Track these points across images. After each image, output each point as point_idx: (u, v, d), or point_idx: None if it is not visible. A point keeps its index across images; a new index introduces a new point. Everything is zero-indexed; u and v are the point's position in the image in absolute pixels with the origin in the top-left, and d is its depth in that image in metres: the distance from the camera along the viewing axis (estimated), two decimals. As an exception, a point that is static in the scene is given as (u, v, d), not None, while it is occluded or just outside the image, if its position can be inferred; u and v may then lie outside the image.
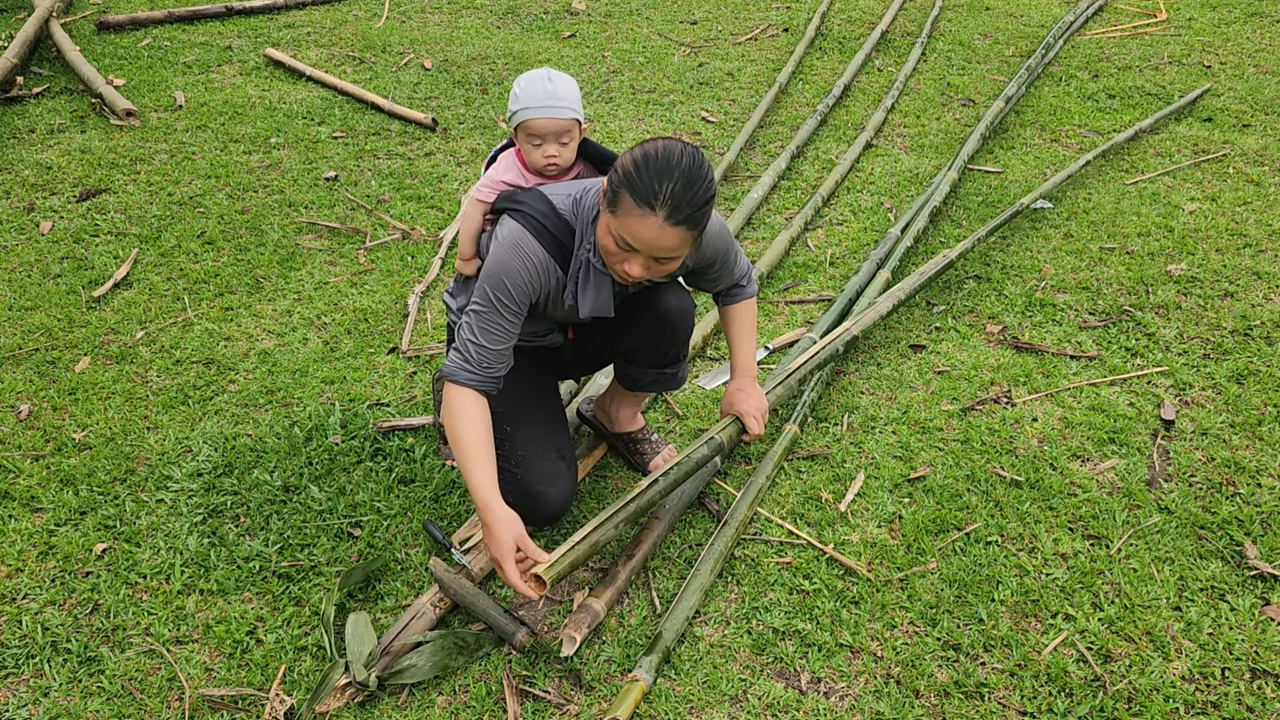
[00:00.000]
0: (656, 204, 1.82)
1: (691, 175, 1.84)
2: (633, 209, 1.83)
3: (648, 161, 1.84)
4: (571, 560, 1.97)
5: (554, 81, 2.12)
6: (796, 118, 4.71)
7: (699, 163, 1.87)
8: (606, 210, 1.89)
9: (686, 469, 2.22)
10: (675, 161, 1.84)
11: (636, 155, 1.86)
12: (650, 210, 1.82)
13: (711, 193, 1.88)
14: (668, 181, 1.82)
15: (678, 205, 1.83)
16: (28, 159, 4.29)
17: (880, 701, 1.97)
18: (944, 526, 2.38)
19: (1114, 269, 3.39)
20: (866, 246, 3.60)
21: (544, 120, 2.10)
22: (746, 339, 2.34)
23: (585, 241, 2.04)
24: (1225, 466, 2.54)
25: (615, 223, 1.87)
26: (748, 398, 2.28)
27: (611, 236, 1.90)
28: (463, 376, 2.03)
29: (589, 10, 6.30)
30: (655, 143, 1.88)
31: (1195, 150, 4.23)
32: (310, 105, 4.83)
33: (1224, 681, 1.99)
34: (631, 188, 1.83)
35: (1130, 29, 5.80)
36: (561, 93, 2.11)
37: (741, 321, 2.33)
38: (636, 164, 1.84)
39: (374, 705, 1.98)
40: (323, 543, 2.36)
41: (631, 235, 1.86)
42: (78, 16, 6.07)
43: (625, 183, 1.84)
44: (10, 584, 2.27)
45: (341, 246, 3.64)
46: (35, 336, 3.14)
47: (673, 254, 1.89)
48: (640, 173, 1.83)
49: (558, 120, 2.10)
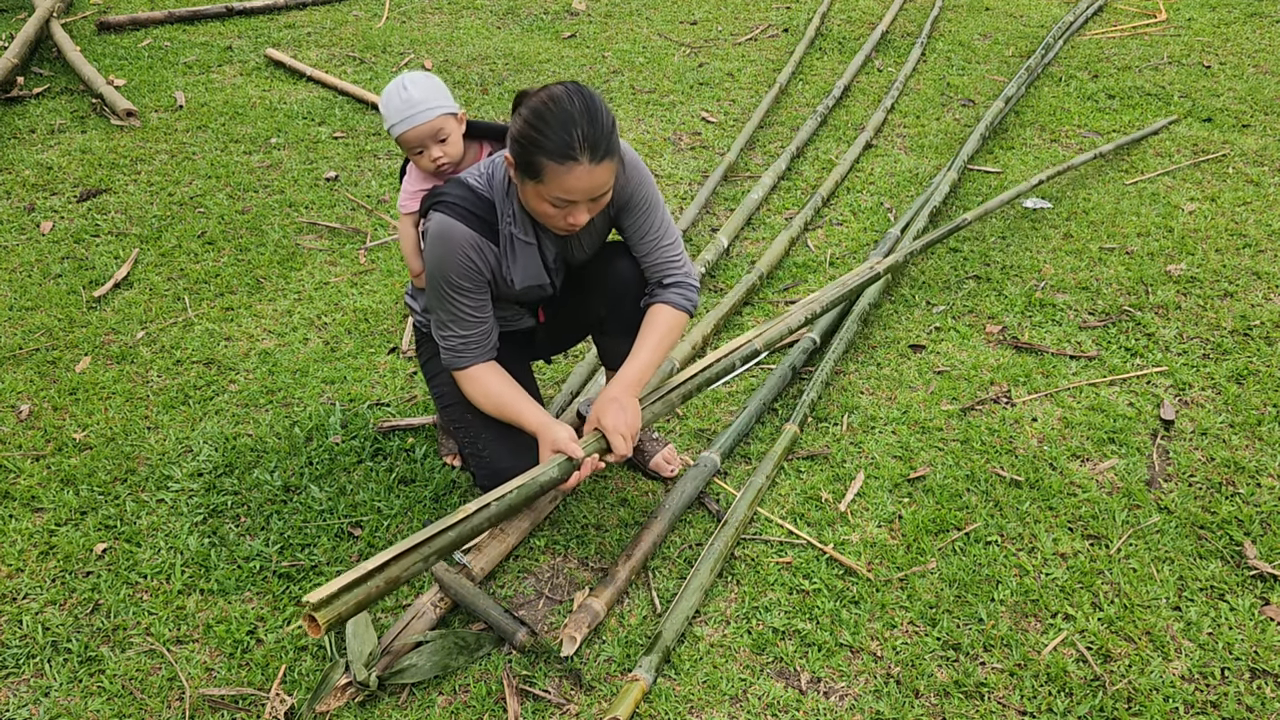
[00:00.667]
0: (576, 153, 1.83)
1: (590, 110, 1.85)
2: (556, 168, 1.84)
3: (545, 118, 1.83)
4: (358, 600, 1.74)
5: (409, 89, 2.11)
6: (796, 118, 4.71)
7: (588, 95, 1.87)
8: (528, 181, 1.89)
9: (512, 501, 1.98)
10: (569, 105, 1.84)
11: (529, 118, 1.85)
12: (574, 161, 1.83)
13: (611, 116, 1.90)
14: (574, 127, 1.83)
15: (594, 144, 1.84)
16: (28, 159, 4.29)
17: (880, 701, 1.97)
18: (944, 526, 2.38)
19: (1114, 269, 3.39)
20: (866, 247, 3.60)
21: (413, 129, 2.12)
22: (649, 347, 2.14)
23: (504, 214, 2.04)
24: (1225, 466, 2.54)
25: (543, 188, 1.88)
26: (620, 411, 2.07)
27: (545, 201, 1.90)
28: (462, 361, 2.09)
29: (589, 10, 6.31)
30: (539, 97, 1.87)
31: (1195, 150, 4.23)
32: (310, 105, 4.83)
33: (1224, 681, 2.00)
34: (543, 149, 1.83)
35: (1130, 29, 5.80)
36: (418, 98, 2.11)
37: (653, 327, 2.16)
38: (535, 126, 1.83)
39: (374, 705, 1.98)
40: (323, 543, 2.36)
41: (566, 191, 1.87)
42: (78, 16, 6.07)
43: (535, 147, 1.84)
44: (11, 584, 2.27)
45: (342, 246, 3.65)
46: (36, 336, 3.14)
47: (607, 186, 1.93)
48: (545, 132, 1.83)
49: (424, 125, 2.11)
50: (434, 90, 2.13)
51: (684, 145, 4.44)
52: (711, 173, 4.10)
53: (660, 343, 2.16)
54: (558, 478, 2.03)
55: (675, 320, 2.18)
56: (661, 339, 2.16)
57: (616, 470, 2.58)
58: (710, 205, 3.91)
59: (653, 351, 2.15)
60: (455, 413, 2.29)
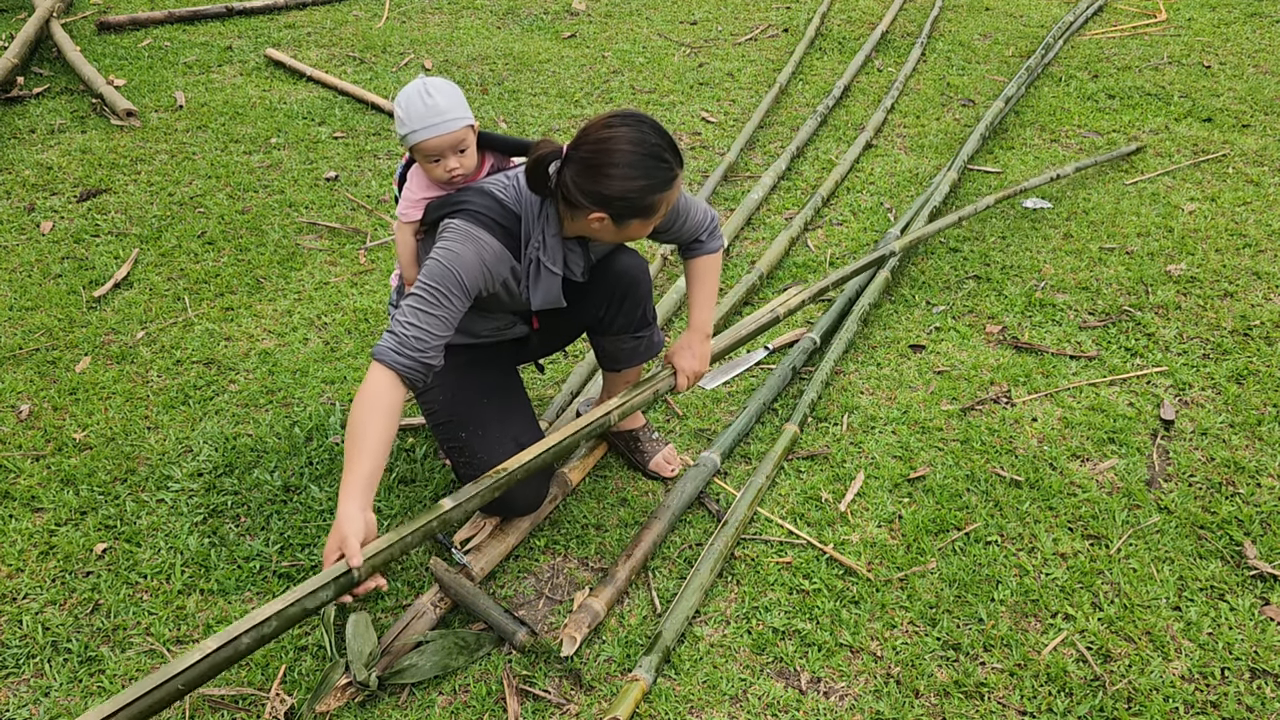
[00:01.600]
0: (675, 170, 1.93)
1: (654, 125, 1.92)
2: (667, 194, 1.93)
3: (639, 167, 1.88)
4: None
5: (433, 95, 2.04)
6: (796, 118, 4.71)
7: (636, 115, 1.92)
8: (641, 220, 1.96)
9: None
10: (645, 138, 1.89)
11: (630, 174, 1.88)
12: (675, 178, 1.93)
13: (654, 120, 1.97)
14: (663, 152, 1.90)
15: (677, 152, 1.95)
16: (28, 159, 4.29)
17: (880, 701, 1.97)
18: (944, 526, 2.38)
19: (1114, 269, 3.39)
20: (866, 246, 3.60)
21: (435, 139, 2.04)
22: (704, 295, 2.31)
23: (533, 240, 2.03)
24: (1225, 466, 2.54)
25: (654, 218, 1.98)
26: (690, 354, 2.28)
27: (649, 226, 2.00)
28: (392, 358, 1.90)
29: (589, 10, 6.31)
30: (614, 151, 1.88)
31: (1195, 150, 4.23)
32: (311, 105, 4.83)
33: (1224, 681, 2.00)
34: (655, 190, 1.90)
35: (1130, 29, 5.80)
36: (443, 105, 2.03)
37: (701, 277, 2.31)
38: (638, 177, 1.88)
39: (374, 705, 1.98)
40: (323, 543, 2.36)
41: (670, 203, 1.98)
42: (78, 16, 6.07)
43: (649, 192, 1.90)
44: (11, 584, 2.27)
45: (342, 246, 3.65)
46: (36, 336, 3.14)
47: None
48: (649, 176, 1.89)
49: (448, 135, 2.04)
50: (458, 100, 2.08)
51: (684, 145, 4.44)
52: (711, 173, 4.10)
53: (713, 286, 2.33)
54: (325, 600, 1.76)
55: (716, 263, 2.32)
56: (714, 282, 2.33)
57: (616, 470, 2.58)
58: (710, 205, 3.91)
59: (710, 296, 2.31)
60: (447, 430, 2.25)
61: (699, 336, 2.30)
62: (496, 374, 2.34)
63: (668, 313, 3.16)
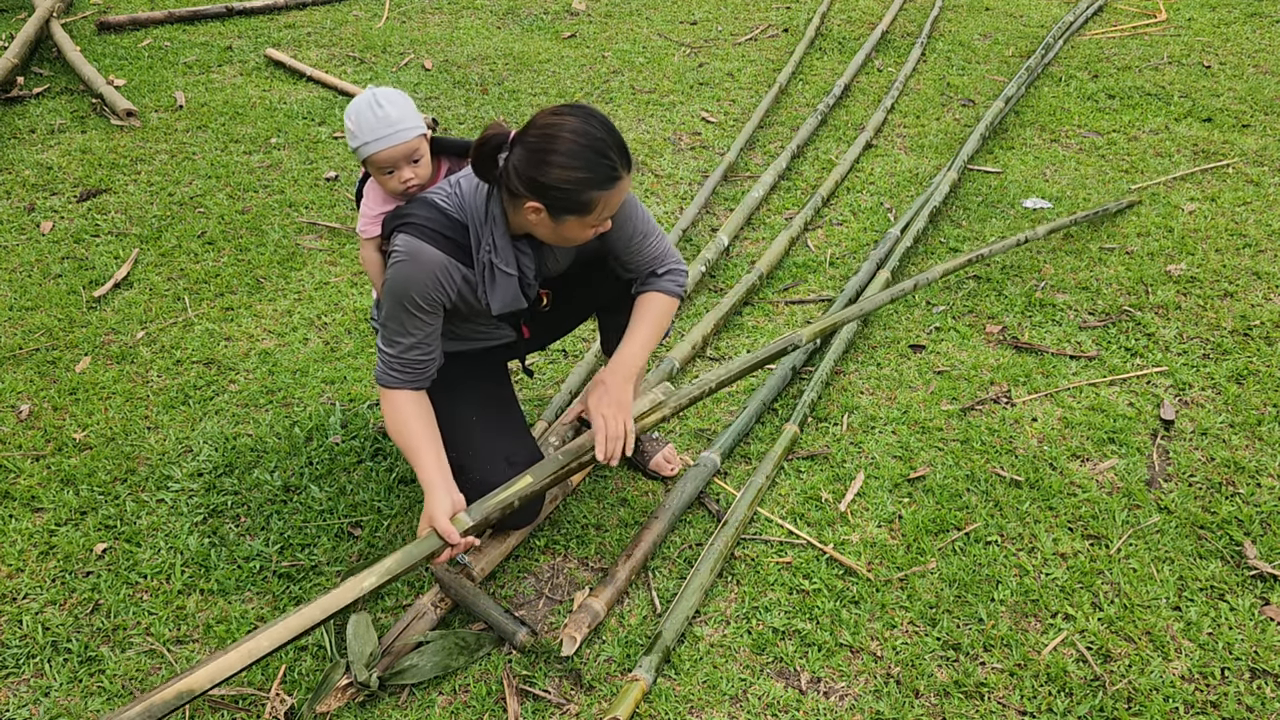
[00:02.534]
0: (619, 170, 1.86)
1: (606, 124, 1.85)
2: (607, 194, 1.86)
3: (582, 158, 1.81)
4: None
5: (383, 105, 2.01)
6: (796, 118, 4.71)
7: (592, 111, 1.86)
8: (577, 218, 1.87)
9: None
10: (595, 130, 1.82)
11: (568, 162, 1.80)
12: (619, 178, 1.87)
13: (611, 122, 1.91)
14: (609, 150, 1.83)
15: (625, 153, 1.88)
16: (28, 159, 4.29)
17: (880, 701, 1.97)
18: (944, 526, 2.38)
19: (1114, 269, 3.39)
20: (866, 246, 3.60)
21: (387, 150, 2.01)
22: (640, 333, 2.13)
23: (484, 244, 1.98)
24: (1225, 466, 2.54)
25: (590, 218, 1.88)
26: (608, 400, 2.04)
27: (589, 228, 1.92)
28: (393, 379, 2.02)
29: (589, 10, 6.31)
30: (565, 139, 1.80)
31: (1195, 150, 4.23)
32: (311, 105, 4.83)
33: (1224, 681, 2.00)
34: (594, 184, 1.83)
35: (1130, 29, 5.80)
36: (394, 116, 2.01)
37: (644, 313, 2.15)
38: (578, 166, 1.80)
39: (374, 705, 1.98)
40: (323, 543, 2.36)
41: (611, 209, 1.91)
42: (78, 16, 6.07)
43: (586, 186, 1.82)
44: (11, 584, 2.27)
45: (342, 247, 3.65)
46: (36, 336, 3.14)
47: None
48: (591, 168, 1.82)
49: (401, 145, 2.01)
50: (409, 109, 2.04)
51: (684, 145, 4.44)
52: (711, 173, 4.10)
53: (654, 328, 2.15)
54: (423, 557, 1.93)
55: (668, 306, 2.18)
56: (656, 325, 2.16)
57: (617, 470, 2.58)
58: (710, 205, 3.91)
59: (648, 337, 2.14)
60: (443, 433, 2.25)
61: (618, 377, 2.07)
62: (488, 384, 2.30)
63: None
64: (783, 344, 2.40)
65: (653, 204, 3.92)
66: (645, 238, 2.13)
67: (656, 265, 2.17)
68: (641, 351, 2.12)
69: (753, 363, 2.38)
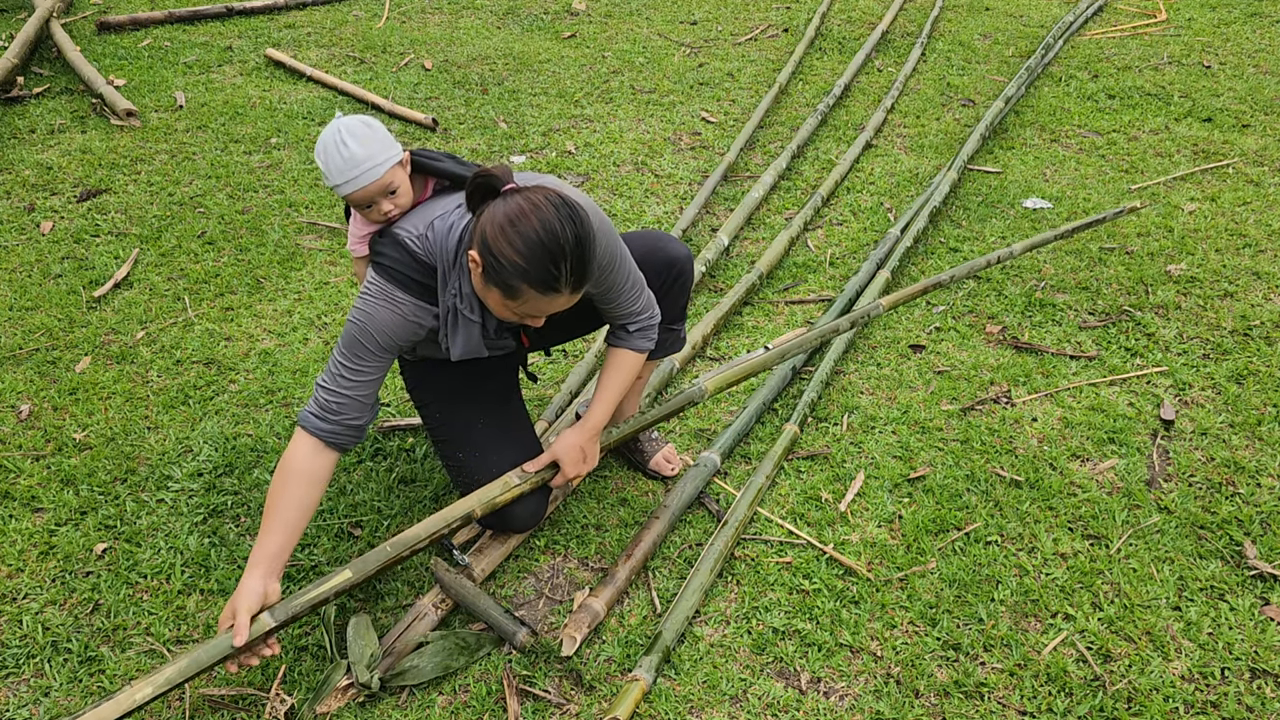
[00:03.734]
0: (560, 284, 1.76)
1: (581, 239, 1.75)
2: (537, 297, 1.78)
3: (531, 246, 1.72)
4: None
5: (348, 144, 1.93)
6: (796, 118, 4.71)
7: (579, 218, 1.76)
8: (500, 295, 1.80)
9: None
10: (561, 236, 1.73)
11: (512, 238, 1.72)
12: (556, 293, 1.78)
13: (595, 235, 1.82)
14: (563, 261, 1.74)
15: (580, 275, 1.79)
16: (28, 159, 4.29)
17: (880, 701, 1.97)
18: (944, 526, 2.38)
19: (1114, 269, 3.39)
20: (866, 246, 3.60)
21: (359, 191, 1.96)
22: (608, 391, 2.16)
23: (449, 287, 1.95)
24: (1225, 466, 2.54)
25: (515, 305, 1.81)
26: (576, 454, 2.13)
27: (510, 311, 1.85)
28: (314, 424, 1.93)
29: (589, 10, 6.31)
30: (521, 211, 1.74)
31: (1195, 150, 4.23)
32: (311, 105, 4.83)
33: (1224, 681, 2.00)
34: (525, 277, 1.74)
35: (1130, 29, 5.80)
36: (361, 155, 1.93)
37: (613, 370, 2.17)
38: (519, 250, 1.72)
39: (374, 705, 1.98)
40: (323, 543, 2.36)
41: (539, 311, 1.85)
42: (78, 17, 6.07)
43: (515, 273, 1.74)
44: (11, 584, 2.27)
45: (342, 247, 3.65)
46: (36, 336, 3.14)
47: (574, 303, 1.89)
48: (530, 261, 1.73)
49: (372, 184, 1.95)
50: (376, 141, 1.95)
51: (684, 145, 4.44)
52: (711, 173, 4.10)
53: (623, 386, 2.18)
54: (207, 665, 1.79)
55: (637, 363, 2.20)
56: (625, 382, 2.18)
57: (617, 470, 2.58)
58: (710, 205, 3.91)
59: (615, 394, 2.17)
60: (445, 448, 2.25)
61: (588, 436, 2.15)
62: (494, 387, 2.29)
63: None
64: (684, 400, 2.39)
65: (653, 204, 3.92)
66: (622, 296, 2.10)
67: (630, 320, 2.16)
68: (607, 411, 2.17)
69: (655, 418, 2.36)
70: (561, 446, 2.14)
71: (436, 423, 2.26)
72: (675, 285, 2.27)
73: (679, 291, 2.29)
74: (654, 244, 2.25)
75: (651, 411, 2.36)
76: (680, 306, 2.33)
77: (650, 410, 2.37)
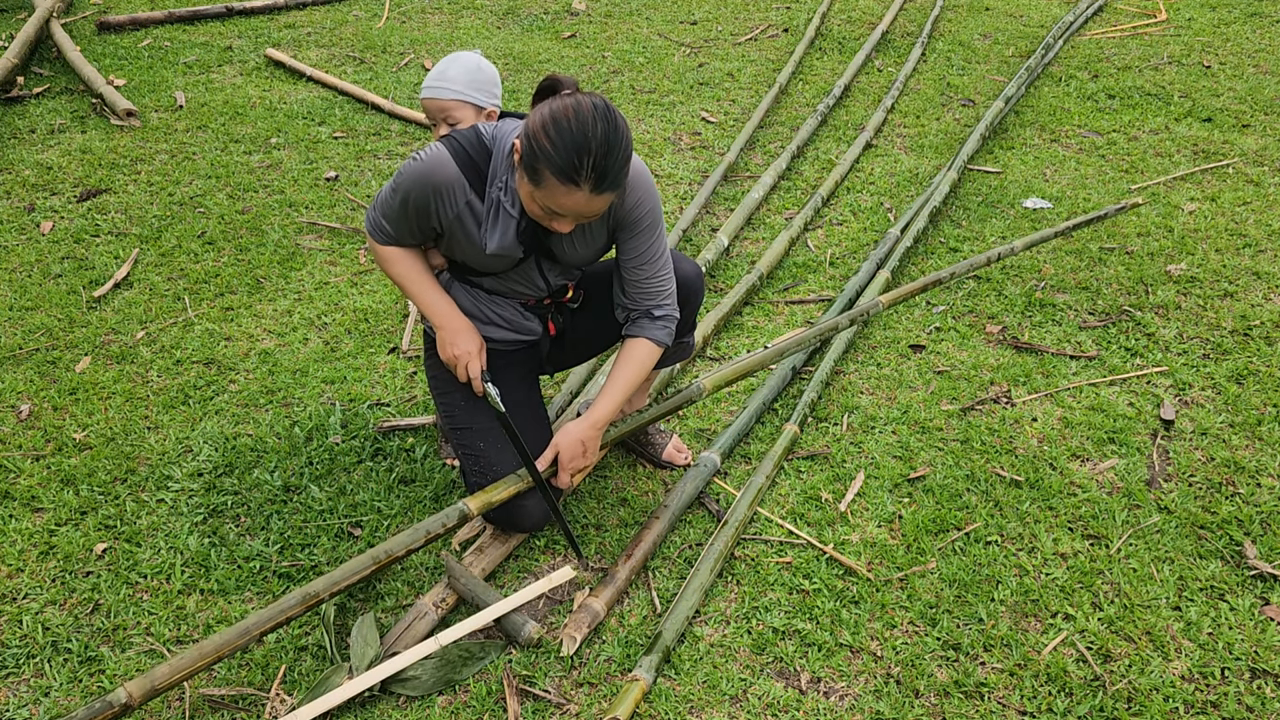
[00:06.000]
0: (580, 179, 1.78)
1: (610, 141, 1.78)
2: (556, 185, 1.80)
3: (561, 133, 1.77)
4: None
5: (452, 65, 2.16)
6: (796, 118, 4.71)
7: (614, 123, 1.80)
8: (527, 181, 1.85)
9: None
10: (590, 130, 1.76)
11: (548, 124, 1.78)
12: (575, 186, 1.79)
13: (630, 149, 1.84)
14: (587, 155, 1.77)
15: (602, 175, 1.80)
16: (28, 159, 4.29)
17: (880, 701, 1.97)
18: (944, 526, 2.38)
19: (1114, 269, 3.39)
20: (866, 246, 3.60)
21: (427, 99, 2.17)
22: (617, 385, 2.14)
23: (498, 179, 2.00)
24: (1225, 466, 2.54)
25: (539, 194, 1.84)
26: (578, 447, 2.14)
27: (536, 204, 1.88)
28: (381, 238, 2.13)
29: (589, 10, 6.30)
30: (564, 105, 1.79)
31: (1195, 150, 4.23)
32: (311, 105, 4.83)
33: (1224, 681, 2.00)
34: (550, 163, 1.78)
35: (1130, 29, 5.80)
36: (451, 74, 2.15)
37: (627, 361, 2.15)
38: (550, 136, 1.77)
39: (374, 705, 1.98)
40: (323, 543, 2.36)
41: (559, 206, 1.85)
42: (78, 17, 6.07)
43: (543, 157, 1.78)
44: (11, 584, 2.27)
45: (342, 246, 3.65)
46: (36, 336, 3.14)
47: (600, 213, 1.90)
48: (557, 147, 1.77)
49: (438, 100, 2.16)
50: (470, 76, 2.15)
51: (684, 145, 4.44)
52: (711, 173, 4.10)
53: (633, 383, 2.15)
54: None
55: (651, 357, 2.17)
56: (636, 378, 2.15)
57: (617, 470, 2.58)
58: (710, 205, 3.91)
59: (623, 388, 2.14)
60: (465, 437, 2.25)
61: (591, 429, 2.14)
62: (518, 386, 2.31)
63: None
64: (682, 399, 2.39)
65: (653, 204, 3.92)
66: (654, 267, 2.11)
67: (654, 303, 2.15)
68: (614, 406, 2.14)
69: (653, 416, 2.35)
70: (563, 439, 2.14)
71: (459, 410, 2.25)
72: (684, 308, 2.30)
73: (689, 309, 2.33)
74: None
75: (650, 409, 2.37)
76: (689, 320, 2.36)
77: (649, 408, 2.37)
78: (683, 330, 2.36)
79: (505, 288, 2.21)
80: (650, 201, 2.06)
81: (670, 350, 2.38)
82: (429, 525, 2.05)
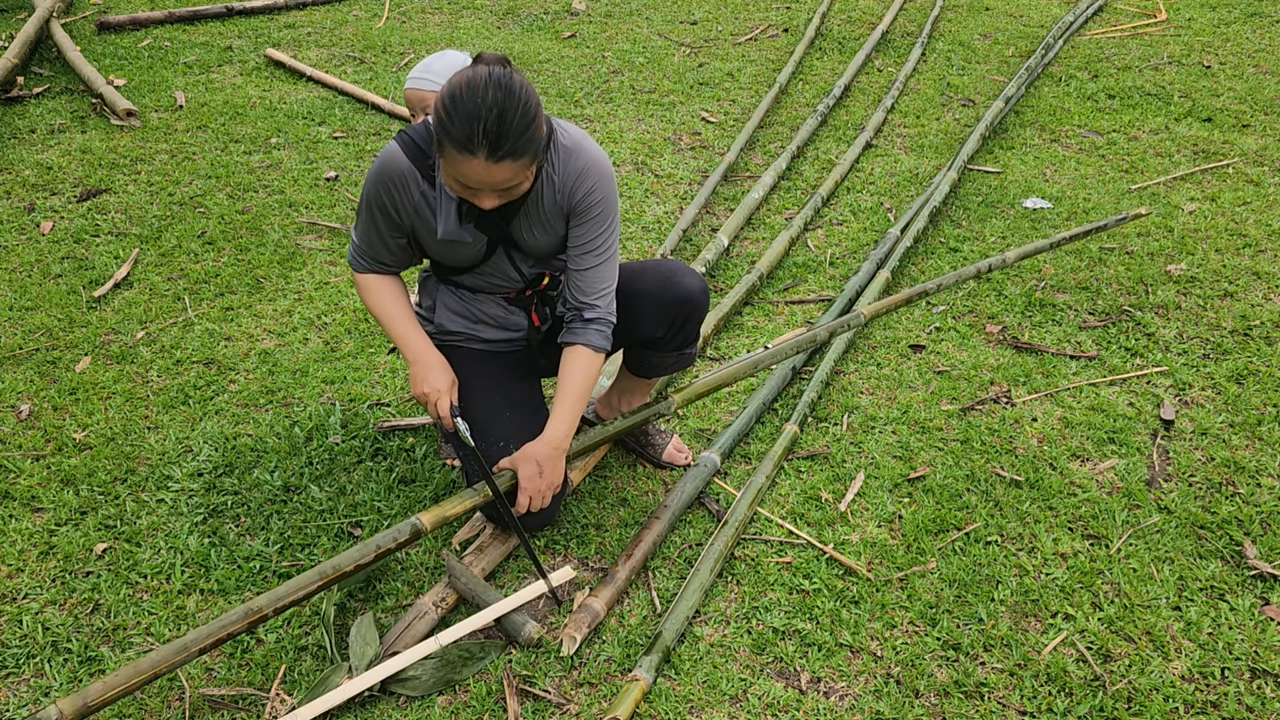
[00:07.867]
0: (474, 146, 1.78)
1: (503, 108, 1.77)
2: (455, 155, 1.81)
3: (455, 103, 1.77)
4: None
5: (438, 60, 2.24)
6: (796, 118, 4.71)
7: (508, 88, 1.78)
8: (437, 153, 1.86)
9: None
10: (482, 98, 1.76)
11: (445, 97, 1.80)
12: (470, 154, 1.79)
13: (530, 116, 1.81)
14: (478, 122, 1.76)
15: (495, 142, 1.78)
16: (28, 159, 4.29)
17: (880, 701, 1.97)
18: (944, 526, 2.38)
19: (1114, 269, 3.39)
20: (866, 246, 3.60)
21: (409, 90, 2.28)
22: (568, 400, 2.10)
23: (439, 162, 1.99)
24: (1225, 466, 2.54)
25: (446, 166, 1.86)
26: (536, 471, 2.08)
27: (449, 178, 1.89)
28: (360, 265, 2.19)
29: (589, 10, 6.30)
30: (461, 77, 1.80)
31: (1195, 150, 4.23)
32: (311, 105, 4.83)
33: (1224, 681, 2.00)
34: (448, 133, 1.78)
35: (1130, 29, 5.80)
36: (436, 68, 2.23)
37: (572, 376, 2.11)
38: (446, 107, 1.78)
39: (374, 705, 1.98)
40: (323, 543, 2.36)
41: (461, 176, 1.84)
42: (78, 16, 6.07)
43: (441, 129, 1.79)
44: (11, 584, 2.27)
45: (342, 246, 3.65)
46: (36, 336, 3.14)
47: (513, 182, 1.87)
48: (451, 117, 1.77)
49: (418, 91, 2.27)
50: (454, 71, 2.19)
51: (684, 145, 4.44)
52: (711, 173, 4.10)
53: (581, 393, 2.12)
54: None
55: (594, 365, 2.13)
56: (585, 389, 2.13)
57: (616, 470, 2.58)
58: (710, 205, 3.91)
59: (576, 402, 2.11)
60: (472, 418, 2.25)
61: (551, 449, 2.09)
62: (523, 389, 2.31)
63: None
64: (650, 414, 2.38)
65: (652, 204, 3.92)
66: (597, 260, 2.09)
67: (589, 302, 2.12)
68: (570, 422, 2.11)
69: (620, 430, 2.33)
70: (519, 460, 2.10)
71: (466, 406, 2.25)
72: (688, 323, 2.30)
73: (692, 325, 2.31)
74: (666, 278, 2.25)
75: (617, 422, 2.34)
76: (694, 333, 2.35)
77: (615, 420, 2.34)
78: (685, 342, 2.35)
79: (484, 283, 2.22)
80: (604, 192, 2.05)
81: (672, 359, 2.38)
82: (379, 540, 2.01)
